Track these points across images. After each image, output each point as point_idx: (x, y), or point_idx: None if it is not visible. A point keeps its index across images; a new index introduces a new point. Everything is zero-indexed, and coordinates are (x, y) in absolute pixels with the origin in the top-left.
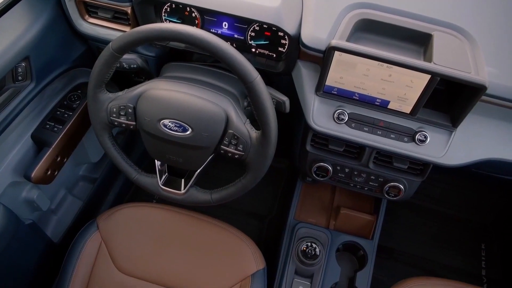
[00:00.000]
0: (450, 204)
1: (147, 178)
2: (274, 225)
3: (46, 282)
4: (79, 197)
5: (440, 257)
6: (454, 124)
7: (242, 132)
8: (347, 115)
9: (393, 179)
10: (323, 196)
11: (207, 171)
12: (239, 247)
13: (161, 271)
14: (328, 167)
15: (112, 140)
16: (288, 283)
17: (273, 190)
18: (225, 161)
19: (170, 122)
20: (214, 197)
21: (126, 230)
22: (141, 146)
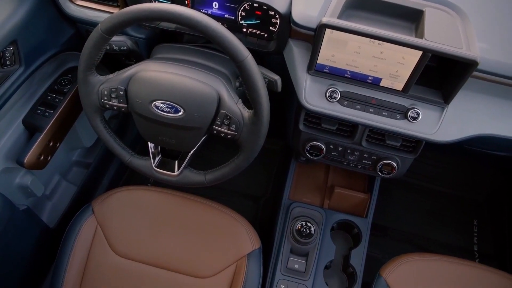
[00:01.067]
0: (443, 181)
1: (140, 160)
2: (269, 205)
3: (43, 267)
4: (73, 182)
5: (433, 234)
6: (446, 101)
7: (234, 112)
8: (339, 93)
9: (386, 156)
10: (317, 175)
11: (201, 153)
12: (234, 227)
13: (157, 253)
14: (321, 146)
15: (104, 124)
16: (284, 262)
17: (267, 171)
18: (219, 143)
19: (162, 104)
20: (208, 177)
21: (121, 214)
22: (134, 130)
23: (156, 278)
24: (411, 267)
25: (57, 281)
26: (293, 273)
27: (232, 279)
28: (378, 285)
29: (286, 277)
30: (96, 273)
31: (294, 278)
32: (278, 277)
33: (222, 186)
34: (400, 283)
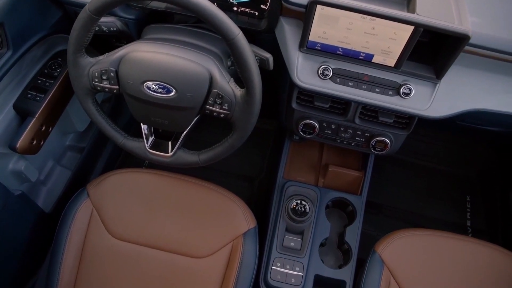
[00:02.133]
0: (436, 158)
1: (134, 142)
2: (263, 186)
3: (41, 252)
4: (67, 167)
5: (427, 210)
6: (438, 76)
7: (226, 90)
8: (331, 70)
9: (379, 133)
10: (311, 154)
11: (194, 135)
12: (230, 207)
13: (153, 234)
14: (314, 124)
15: (96, 106)
16: (279, 240)
17: (261, 151)
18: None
19: (154, 84)
20: (201, 158)
21: (117, 196)
22: (127, 113)
23: (153, 259)
24: (405, 242)
25: (55, 265)
26: (289, 251)
27: (228, 258)
28: (373, 260)
29: (282, 255)
30: (93, 255)
31: (290, 256)
32: (274, 255)
33: (216, 168)
34: (394, 258)
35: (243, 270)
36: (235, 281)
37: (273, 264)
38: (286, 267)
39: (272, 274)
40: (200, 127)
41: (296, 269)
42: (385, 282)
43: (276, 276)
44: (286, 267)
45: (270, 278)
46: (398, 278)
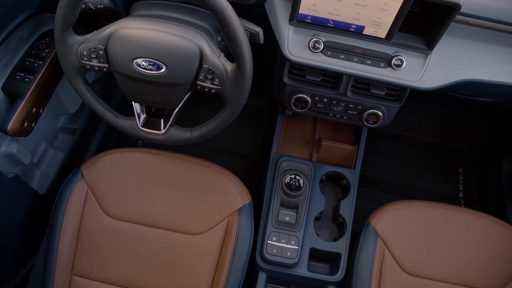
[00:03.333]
0: (428, 131)
1: (126, 121)
2: (258, 162)
3: (37, 234)
4: (61, 149)
5: (420, 183)
6: (430, 47)
7: (217, 66)
8: (322, 43)
9: (371, 106)
10: (305, 129)
11: (187, 113)
12: (224, 183)
13: (149, 212)
14: (306, 98)
15: (87, 85)
16: (275, 215)
17: (254, 128)
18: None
19: (144, 61)
20: (194, 134)
21: (111, 176)
22: (118, 94)
23: (149, 237)
24: (398, 214)
25: (52, 247)
26: (284, 225)
27: (224, 234)
28: (367, 233)
29: (278, 230)
30: (90, 236)
31: (285, 230)
32: (269, 230)
33: (211, 146)
34: (388, 230)
35: (239, 245)
36: (231, 256)
37: (268, 239)
38: (281, 241)
39: (268, 248)
40: (192, 105)
41: (291, 243)
42: (379, 253)
43: (272, 250)
44: (282, 241)
45: (266, 252)
46: (392, 249)
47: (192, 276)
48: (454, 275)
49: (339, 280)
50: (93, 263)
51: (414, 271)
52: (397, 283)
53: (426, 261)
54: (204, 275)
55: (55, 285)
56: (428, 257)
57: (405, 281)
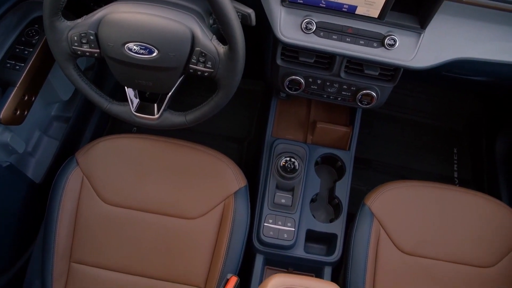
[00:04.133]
0: (423, 112)
1: (119, 106)
2: (253, 146)
3: (34, 223)
4: (55, 138)
5: (415, 164)
6: (422, 26)
7: (209, 48)
8: (315, 24)
9: (365, 86)
10: (299, 112)
11: (180, 99)
12: (220, 167)
13: (145, 198)
14: (300, 80)
15: (79, 72)
16: (270, 197)
17: (249, 112)
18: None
19: (135, 45)
20: (188, 118)
21: (106, 162)
22: (111, 80)
23: (146, 222)
24: (393, 194)
25: (49, 235)
26: (280, 207)
27: (221, 218)
28: (363, 213)
29: (274, 212)
30: (87, 222)
31: (281, 212)
32: (266, 212)
33: (206, 131)
34: (384, 210)
35: (236, 228)
36: (228, 240)
37: (265, 221)
38: (278, 223)
39: (264, 230)
40: (185, 90)
41: (288, 224)
42: (375, 233)
43: (268, 232)
44: (278, 223)
45: (262, 235)
46: (388, 229)
47: (190, 260)
48: (449, 253)
49: (335, 260)
50: (91, 249)
51: (410, 250)
52: (393, 262)
53: (421, 240)
54: (201, 258)
55: (54, 272)
56: (423, 236)
57: (401, 260)
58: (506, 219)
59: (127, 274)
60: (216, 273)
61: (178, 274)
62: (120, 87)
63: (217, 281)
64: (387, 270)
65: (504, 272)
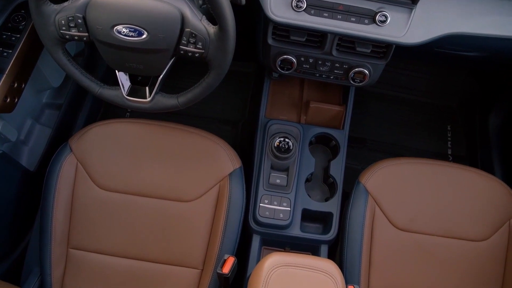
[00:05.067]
0: (416, 90)
1: (110, 90)
2: (247, 128)
3: (31, 211)
4: (47, 125)
5: (409, 142)
6: (414, 1)
7: (199, 29)
8: (305, 2)
9: (357, 64)
10: (292, 92)
11: (172, 83)
12: (214, 149)
13: (140, 182)
14: (292, 59)
15: (68, 56)
16: (265, 178)
17: (243, 95)
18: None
19: (124, 28)
20: (180, 100)
21: (100, 148)
22: (102, 66)
23: (142, 206)
24: (388, 171)
25: (46, 222)
26: (275, 188)
27: (216, 199)
28: (358, 191)
29: (269, 192)
30: (83, 209)
31: (276, 192)
32: (261, 193)
33: (199, 114)
34: (378, 187)
35: (231, 209)
36: (224, 221)
37: (260, 202)
38: (273, 203)
39: (260, 211)
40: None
41: (283, 204)
42: (370, 211)
43: (264, 212)
44: (274, 203)
45: (258, 215)
46: (383, 206)
47: (187, 242)
48: (444, 228)
49: (331, 238)
50: (88, 235)
51: (405, 226)
52: (388, 239)
53: (416, 216)
54: (198, 240)
55: (52, 259)
56: (418, 211)
57: (396, 236)
58: (499, 193)
59: (125, 258)
60: (213, 255)
61: (176, 257)
62: (112, 72)
63: (214, 262)
64: (382, 246)
65: (497, 245)
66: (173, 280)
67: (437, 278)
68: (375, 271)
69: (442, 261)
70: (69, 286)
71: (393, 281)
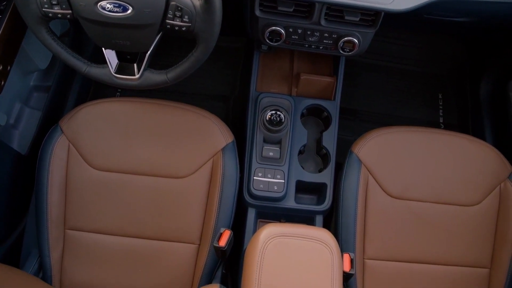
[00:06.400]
0: (407, 59)
1: (98, 69)
2: (239, 103)
3: (25, 194)
4: (37, 108)
5: (401, 111)
6: None
7: (184, 2)
8: None
9: (346, 33)
10: (282, 65)
11: (159, 61)
12: (206, 124)
13: (134, 160)
14: (280, 30)
15: (53, 35)
16: (258, 151)
17: (233, 70)
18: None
19: (108, 3)
20: (170, 76)
21: (91, 128)
22: (89, 46)
23: (136, 185)
24: (380, 140)
25: (41, 205)
26: (268, 160)
27: (210, 174)
28: (350, 161)
29: (263, 165)
30: (78, 190)
31: (270, 165)
32: (255, 166)
33: (190, 91)
34: (371, 156)
35: (226, 183)
36: (219, 195)
37: (254, 175)
38: (267, 176)
39: (254, 184)
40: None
41: (277, 177)
42: (363, 180)
43: (258, 185)
44: (268, 176)
45: (253, 188)
46: (376, 174)
47: (183, 218)
48: (436, 194)
49: (326, 209)
50: (85, 215)
51: (398, 194)
52: (382, 207)
53: (408, 184)
54: (194, 216)
55: (50, 241)
56: (411, 179)
57: (390, 204)
58: (490, 158)
59: (123, 237)
60: (209, 229)
61: (173, 233)
62: (100, 52)
63: (211, 236)
64: (376, 214)
65: (488, 209)
66: (170, 256)
67: (431, 243)
68: (369, 239)
69: (435, 227)
70: (68, 266)
71: (388, 248)
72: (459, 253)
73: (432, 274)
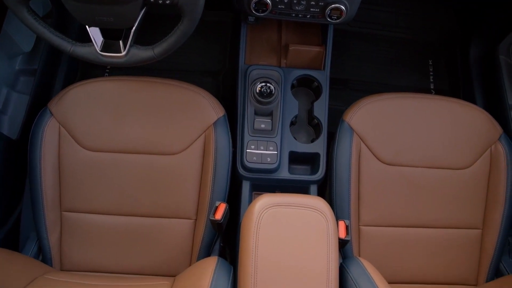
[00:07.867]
0: (396, 27)
1: (83, 48)
2: (228, 78)
3: (18, 179)
4: (24, 92)
5: (391, 79)
6: None
7: None
8: None
9: (333, 1)
10: (271, 37)
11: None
12: (196, 100)
13: (126, 139)
14: (266, 0)
15: (34, 15)
16: (250, 124)
17: (221, 45)
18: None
19: None
20: (156, 51)
21: (81, 109)
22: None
23: (130, 163)
24: (371, 107)
25: (36, 189)
26: (260, 132)
27: (203, 149)
28: (342, 129)
29: (255, 137)
30: (71, 171)
31: (262, 137)
32: (247, 139)
33: (180, 68)
34: (362, 124)
35: (219, 157)
36: (213, 169)
37: (247, 147)
38: (260, 148)
39: (247, 156)
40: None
41: (270, 148)
42: (356, 148)
43: (252, 158)
44: (260, 148)
45: (246, 161)
46: (368, 142)
47: (178, 194)
48: (428, 159)
49: (320, 178)
50: (80, 196)
51: (390, 160)
52: (375, 174)
53: (400, 149)
54: (189, 191)
55: (47, 224)
56: (402, 145)
57: (383, 170)
58: (480, 121)
59: (119, 216)
60: (205, 203)
61: (169, 209)
62: (85, 32)
63: (207, 211)
64: (370, 181)
65: (479, 172)
66: (168, 232)
67: (424, 207)
68: (364, 206)
69: (428, 191)
70: (67, 247)
71: (382, 214)
72: (452, 215)
73: (426, 237)
